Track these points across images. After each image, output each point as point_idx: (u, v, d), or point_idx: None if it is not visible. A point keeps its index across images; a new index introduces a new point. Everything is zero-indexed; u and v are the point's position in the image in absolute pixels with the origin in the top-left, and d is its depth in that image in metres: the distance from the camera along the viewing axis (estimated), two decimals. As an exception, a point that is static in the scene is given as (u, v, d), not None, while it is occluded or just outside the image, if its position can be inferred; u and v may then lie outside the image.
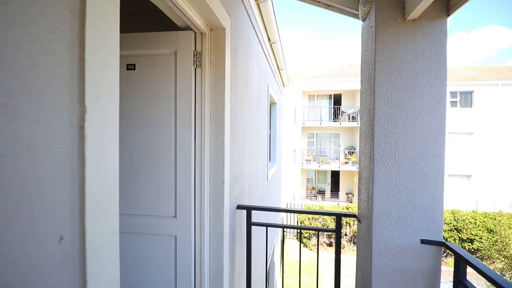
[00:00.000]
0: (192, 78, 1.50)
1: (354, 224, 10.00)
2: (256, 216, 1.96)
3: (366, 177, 1.49)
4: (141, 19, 2.27)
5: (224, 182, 1.57)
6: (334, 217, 1.80)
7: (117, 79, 0.62)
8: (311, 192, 14.84)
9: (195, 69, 1.52)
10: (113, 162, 0.62)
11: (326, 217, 10.32)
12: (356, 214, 1.70)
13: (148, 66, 1.54)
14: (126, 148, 1.56)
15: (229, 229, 1.72)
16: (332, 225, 10.09)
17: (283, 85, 6.32)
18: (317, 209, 10.58)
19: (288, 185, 14.13)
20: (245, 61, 2.16)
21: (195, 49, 1.52)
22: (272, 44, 3.54)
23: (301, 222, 10.61)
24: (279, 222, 6.86)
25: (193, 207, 1.54)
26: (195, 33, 1.51)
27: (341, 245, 1.73)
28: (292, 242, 10.94)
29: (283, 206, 9.93)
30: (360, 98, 1.64)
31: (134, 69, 1.54)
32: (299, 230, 10.46)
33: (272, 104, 5.04)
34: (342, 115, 14.40)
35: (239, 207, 1.90)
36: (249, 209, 1.87)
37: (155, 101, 1.53)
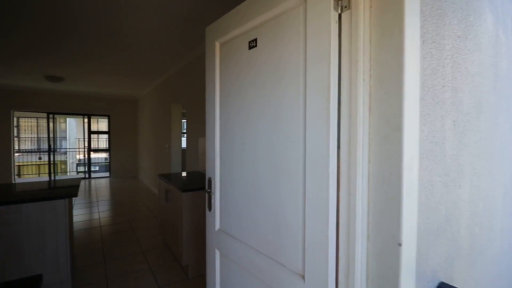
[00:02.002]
0: (332, 31, 0.80)
1: None
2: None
3: None
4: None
5: (400, 244, 0.71)
6: None
7: None
8: None
9: (339, 14, 0.80)
10: None
11: None
12: None
13: (270, 36, 1.02)
14: (251, 155, 1.13)
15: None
16: None
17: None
18: None
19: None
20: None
21: (340, -22, 0.80)
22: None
23: None
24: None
25: (334, 274, 0.82)
26: None
27: None
28: None
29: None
30: None
31: (256, 45, 1.08)
32: None
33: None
34: None
35: (444, 289, 0.90)
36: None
37: (277, 85, 0.98)
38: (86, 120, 8.01)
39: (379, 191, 0.75)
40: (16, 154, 7.99)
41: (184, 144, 5.32)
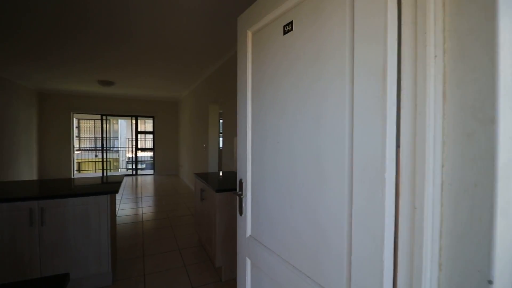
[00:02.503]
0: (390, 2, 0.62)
1: None
2: None
3: None
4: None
5: (492, 281, 0.51)
6: None
7: None
8: None
9: (401, -26, 0.62)
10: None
11: None
12: None
13: (308, 15, 0.87)
14: (286, 155, 0.99)
15: None
16: None
17: None
18: None
19: None
20: None
21: None
22: None
23: None
24: None
25: (390, 309, 0.64)
26: None
27: None
28: None
29: None
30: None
31: (292, 29, 0.94)
32: None
33: None
34: None
35: None
36: None
37: (317, 75, 0.83)
38: (134, 121, 8.65)
39: (458, 206, 0.56)
40: (76, 152, 8.97)
41: (221, 144, 5.37)
